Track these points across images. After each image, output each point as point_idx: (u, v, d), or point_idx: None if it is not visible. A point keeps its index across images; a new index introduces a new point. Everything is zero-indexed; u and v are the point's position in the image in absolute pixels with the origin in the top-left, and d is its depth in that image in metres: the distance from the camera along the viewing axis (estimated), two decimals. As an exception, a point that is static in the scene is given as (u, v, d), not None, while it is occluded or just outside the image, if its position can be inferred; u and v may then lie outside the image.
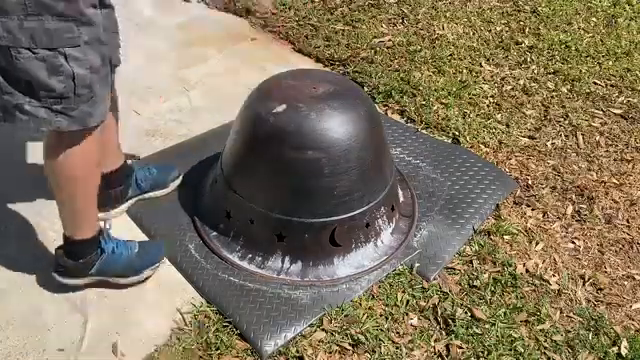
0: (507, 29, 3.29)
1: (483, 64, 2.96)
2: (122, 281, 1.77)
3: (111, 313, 1.73)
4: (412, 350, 1.67)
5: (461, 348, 1.68)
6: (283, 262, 1.84)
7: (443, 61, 2.95)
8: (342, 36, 3.13)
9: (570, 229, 2.09)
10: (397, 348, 1.67)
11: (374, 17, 3.33)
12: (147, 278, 1.80)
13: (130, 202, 2.04)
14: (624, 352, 1.69)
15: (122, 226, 2.00)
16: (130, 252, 1.76)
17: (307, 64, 2.93)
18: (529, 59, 3.02)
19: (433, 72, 2.88)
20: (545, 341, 1.71)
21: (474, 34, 3.22)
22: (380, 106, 2.64)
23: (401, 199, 2.09)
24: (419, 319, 1.75)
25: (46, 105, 1.38)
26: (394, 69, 2.87)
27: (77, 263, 1.69)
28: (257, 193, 1.83)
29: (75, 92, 1.39)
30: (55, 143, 1.50)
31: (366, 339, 1.68)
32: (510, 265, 1.91)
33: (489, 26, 3.31)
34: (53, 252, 1.89)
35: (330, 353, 1.65)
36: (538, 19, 3.41)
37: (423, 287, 1.84)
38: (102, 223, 1.76)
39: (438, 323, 1.74)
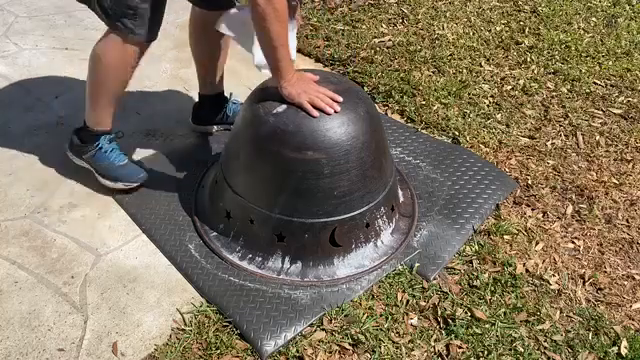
0: (507, 29, 3.29)
1: (483, 64, 2.97)
2: (100, 179, 2.08)
3: (111, 313, 1.73)
4: (412, 350, 1.67)
5: (461, 348, 1.68)
6: (283, 262, 1.84)
7: (443, 61, 2.95)
8: (342, 36, 3.13)
9: (570, 229, 2.09)
10: (397, 348, 1.67)
11: (374, 17, 3.33)
12: (128, 189, 2.08)
13: (215, 127, 2.40)
14: (624, 352, 1.69)
15: (122, 225, 2.01)
16: (116, 161, 2.06)
17: (307, 64, 2.93)
18: (529, 59, 3.02)
19: (433, 72, 2.88)
20: (545, 341, 1.71)
21: (474, 34, 3.22)
22: (380, 106, 2.64)
23: (401, 199, 2.09)
24: (419, 319, 1.75)
25: (105, 4, 1.81)
26: (394, 69, 2.88)
27: (77, 143, 2.08)
28: (257, 193, 1.83)
29: (119, 6, 1.79)
30: (104, 36, 1.90)
31: (366, 339, 1.68)
32: (510, 265, 1.91)
33: (489, 26, 3.32)
34: (52, 252, 1.90)
35: (330, 353, 1.65)
36: (538, 19, 3.41)
37: (423, 287, 1.84)
38: (116, 129, 2.10)
39: (438, 323, 1.75)
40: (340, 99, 1.73)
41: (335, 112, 1.72)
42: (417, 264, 1.89)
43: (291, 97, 1.71)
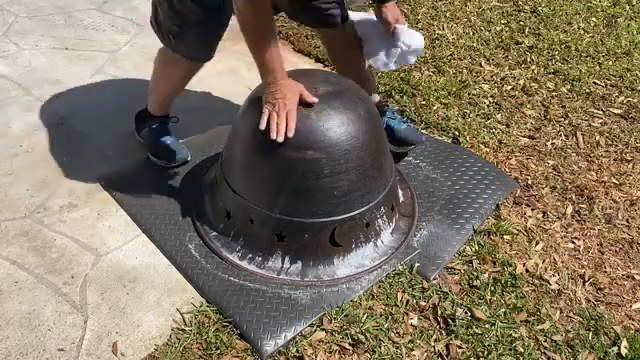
0: (507, 29, 3.29)
1: (483, 64, 2.97)
2: (150, 156, 2.25)
3: (111, 313, 1.73)
4: (412, 350, 1.67)
5: (461, 348, 1.68)
6: (283, 262, 1.84)
7: (443, 61, 2.95)
8: (342, 36, 3.13)
9: (570, 229, 2.09)
10: (397, 348, 1.67)
11: (374, 17, 3.32)
12: (172, 167, 2.23)
13: None
14: (624, 352, 1.69)
15: (122, 225, 2.01)
16: (162, 141, 2.24)
17: (307, 64, 2.93)
18: (529, 59, 3.02)
19: (433, 72, 2.88)
20: (545, 341, 1.71)
21: (474, 34, 3.22)
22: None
23: (401, 199, 2.09)
24: (419, 319, 1.75)
25: (159, 19, 1.97)
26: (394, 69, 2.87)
27: (135, 121, 2.32)
28: (257, 193, 1.83)
29: (165, 24, 1.94)
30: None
31: (366, 339, 1.68)
32: (510, 265, 1.91)
33: (489, 26, 3.32)
34: (52, 252, 1.90)
35: (330, 353, 1.65)
36: (538, 19, 3.41)
37: (423, 287, 1.84)
38: (173, 115, 2.31)
39: (438, 323, 1.74)
40: (291, 134, 1.66)
41: (276, 140, 1.65)
42: (417, 264, 1.89)
43: (264, 98, 1.71)
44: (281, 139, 1.66)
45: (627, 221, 2.13)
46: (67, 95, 2.61)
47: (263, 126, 1.68)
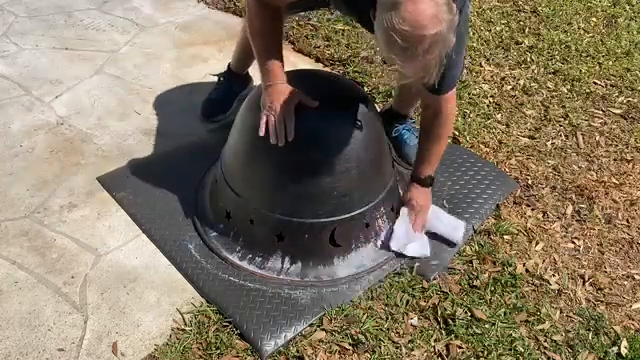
0: (507, 29, 3.29)
1: (483, 64, 2.96)
2: None
3: (111, 313, 1.73)
4: (412, 350, 1.67)
5: (461, 348, 1.68)
6: (283, 262, 1.84)
7: (443, 61, 2.95)
8: (342, 36, 3.13)
9: (570, 229, 2.09)
10: (397, 348, 1.67)
11: (374, 17, 3.32)
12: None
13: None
14: (624, 352, 1.69)
15: (122, 225, 2.01)
16: (210, 93, 2.51)
17: (307, 64, 2.93)
18: (529, 59, 3.02)
19: (433, 72, 2.88)
20: (545, 341, 1.71)
21: (474, 34, 3.22)
22: (380, 106, 2.64)
23: (401, 199, 2.09)
24: (419, 319, 1.75)
25: None
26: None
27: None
28: (257, 193, 1.83)
29: None
30: None
31: (366, 339, 1.68)
32: (510, 265, 1.91)
33: (489, 26, 3.31)
34: (52, 252, 1.90)
35: (330, 353, 1.65)
36: (538, 19, 3.41)
37: (423, 287, 1.84)
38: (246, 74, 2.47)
39: (438, 323, 1.75)
40: (290, 138, 1.65)
41: (277, 144, 1.65)
42: (417, 264, 1.89)
43: (262, 102, 1.70)
44: (281, 143, 1.65)
45: (627, 221, 2.13)
46: (67, 95, 2.61)
47: (262, 132, 1.67)
